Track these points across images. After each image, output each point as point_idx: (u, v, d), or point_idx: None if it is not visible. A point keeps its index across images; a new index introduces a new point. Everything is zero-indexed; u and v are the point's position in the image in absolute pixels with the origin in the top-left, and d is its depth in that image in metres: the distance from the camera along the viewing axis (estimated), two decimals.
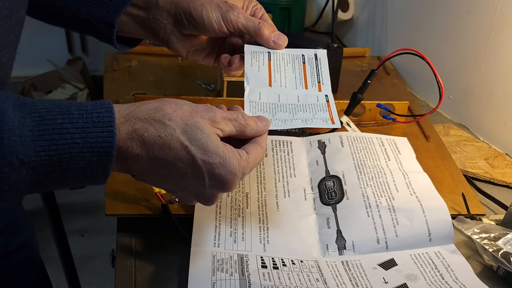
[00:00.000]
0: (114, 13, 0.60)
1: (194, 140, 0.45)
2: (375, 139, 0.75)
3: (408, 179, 0.67)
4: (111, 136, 0.43)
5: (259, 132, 0.51)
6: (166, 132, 0.45)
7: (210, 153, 0.46)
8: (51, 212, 1.29)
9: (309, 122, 0.56)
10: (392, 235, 0.61)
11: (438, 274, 0.58)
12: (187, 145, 0.45)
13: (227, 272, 0.54)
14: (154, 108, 0.46)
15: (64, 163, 0.42)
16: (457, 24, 0.95)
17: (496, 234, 0.60)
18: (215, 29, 0.58)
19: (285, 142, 0.74)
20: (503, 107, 0.86)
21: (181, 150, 0.45)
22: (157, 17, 0.60)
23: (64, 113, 0.42)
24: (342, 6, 1.35)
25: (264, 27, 0.59)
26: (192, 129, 0.46)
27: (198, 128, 0.46)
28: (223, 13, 0.58)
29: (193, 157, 0.45)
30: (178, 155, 0.45)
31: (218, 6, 0.58)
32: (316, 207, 0.65)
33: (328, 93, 0.61)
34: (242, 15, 0.58)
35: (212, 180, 0.47)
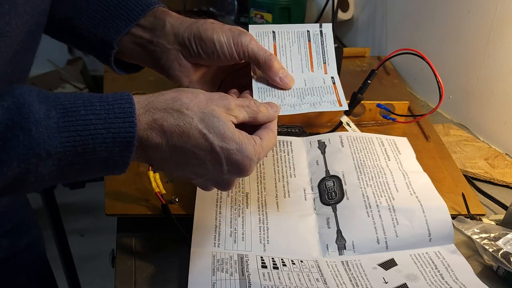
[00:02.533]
0: (115, 33, 0.58)
1: (212, 127, 0.47)
2: (375, 139, 0.75)
3: (408, 179, 0.67)
4: (132, 127, 0.44)
5: (270, 117, 0.52)
6: (185, 121, 0.46)
7: (227, 139, 0.47)
8: (51, 212, 1.30)
9: (317, 106, 0.57)
10: (392, 235, 0.61)
11: (438, 274, 0.58)
12: (205, 133, 0.46)
13: (227, 272, 0.54)
14: (171, 98, 0.47)
15: (87, 153, 0.43)
16: (457, 24, 0.95)
17: (496, 234, 0.60)
18: (226, 53, 0.56)
19: (285, 142, 0.74)
20: (503, 107, 0.86)
21: (199, 138, 0.46)
22: (162, 40, 0.58)
23: (87, 105, 0.43)
24: (342, 6, 1.35)
25: (275, 60, 0.57)
26: (209, 117, 0.47)
27: (214, 116, 0.47)
28: (234, 37, 0.56)
29: (211, 144, 0.47)
30: (197, 143, 0.47)
31: (230, 30, 0.57)
32: (316, 207, 0.65)
33: (334, 74, 0.61)
34: (254, 42, 0.57)
35: (230, 165, 0.48)
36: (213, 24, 0.57)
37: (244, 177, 0.66)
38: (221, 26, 0.57)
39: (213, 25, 0.57)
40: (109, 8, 0.58)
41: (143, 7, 0.58)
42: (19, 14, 0.47)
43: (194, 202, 0.63)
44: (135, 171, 0.69)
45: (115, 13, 0.58)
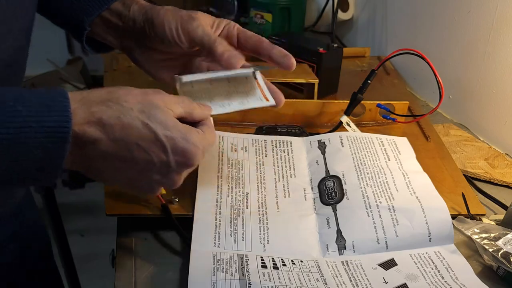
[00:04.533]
0: (86, 15, 0.59)
1: (153, 117, 0.45)
2: (375, 139, 0.75)
3: (408, 179, 0.67)
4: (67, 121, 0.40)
5: (205, 115, 0.52)
6: (125, 112, 0.44)
7: (171, 128, 0.46)
8: (51, 212, 1.30)
9: (246, 103, 0.58)
10: (392, 235, 0.61)
11: (438, 274, 0.58)
12: (147, 123, 0.45)
13: (227, 272, 0.54)
14: (107, 92, 0.45)
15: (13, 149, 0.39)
16: (457, 24, 0.95)
17: (496, 234, 0.60)
18: (175, 39, 0.56)
19: (285, 142, 0.74)
20: (503, 107, 0.86)
21: (143, 128, 0.45)
22: (126, 25, 0.60)
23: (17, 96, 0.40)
24: (342, 6, 1.35)
25: (219, 44, 0.55)
26: (149, 108, 0.45)
27: (154, 106, 0.46)
28: (182, 23, 0.56)
29: (155, 133, 0.45)
30: (140, 134, 0.45)
31: (180, 16, 0.57)
32: (316, 207, 0.65)
33: (254, 69, 0.60)
34: (201, 28, 0.56)
35: (177, 155, 0.46)
36: (167, 10, 0.57)
37: (244, 177, 0.67)
38: (174, 12, 0.57)
39: (167, 11, 0.57)
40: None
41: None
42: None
43: (194, 202, 0.63)
44: None
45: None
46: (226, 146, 0.71)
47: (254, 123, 0.83)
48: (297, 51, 0.98)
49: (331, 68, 0.97)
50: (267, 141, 0.74)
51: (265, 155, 0.71)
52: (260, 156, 0.71)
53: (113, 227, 0.64)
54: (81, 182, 1.78)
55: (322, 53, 0.94)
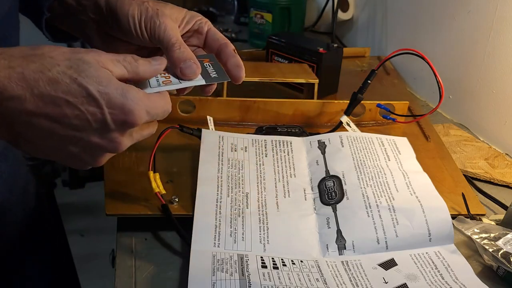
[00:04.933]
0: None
1: (83, 72, 0.40)
2: (375, 139, 0.75)
3: (408, 179, 0.67)
4: None
5: (154, 70, 0.46)
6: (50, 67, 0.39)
7: (105, 83, 0.41)
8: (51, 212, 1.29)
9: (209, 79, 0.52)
10: (392, 235, 0.61)
11: (438, 274, 0.58)
12: (76, 77, 0.40)
13: (227, 272, 0.54)
14: (30, 47, 0.41)
15: None
16: (457, 24, 0.95)
17: (496, 234, 0.60)
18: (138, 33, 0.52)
19: (285, 142, 0.74)
20: (503, 107, 0.86)
21: (71, 83, 0.40)
22: (87, 11, 0.55)
23: None
24: (342, 6, 1.35)
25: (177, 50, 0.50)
26: (78, 64, 0.41)
27: (84, 62, 0.41)
28: (146, 18, 0.52)
29: (86, 88, 0.40)
30: (69, 89, 0.40)
31: (147, 9, 0.52)
32: (316, 207, 0.65)
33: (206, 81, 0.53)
34: (164, 26, 0.51)
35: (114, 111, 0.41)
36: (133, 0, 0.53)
37: (244, 177, 0.67)
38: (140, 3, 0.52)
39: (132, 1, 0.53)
40: None
41: None
42: None
43: (194, 202, 0.63)
44: (135, 171, 0.69)
45: None
46: (226, 146, 0.71)
47: (254, 123, 0.83)
48: (297, 51, 0.98)
49: (331, 68, 0.97)
50: (267, 141, 0.74)
51: (265, 155, 0.71)
52: (260, 156, 0.71)
53: (113, 227, 0.64)
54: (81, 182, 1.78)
55: (322, 53, 0.94)
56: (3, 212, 0.65)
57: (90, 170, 0.53)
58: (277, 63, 1.01)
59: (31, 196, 0.74)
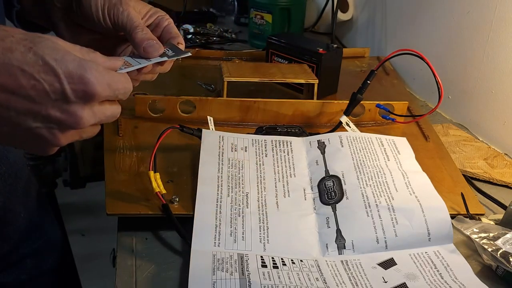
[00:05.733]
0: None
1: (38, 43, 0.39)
2: (374, 139, 0.75)
3: (407, 179, 0.68)
4: None
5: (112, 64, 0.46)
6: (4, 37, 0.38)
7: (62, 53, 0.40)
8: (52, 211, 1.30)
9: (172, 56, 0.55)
10: (392, 234, 0.61)
11: (438, 273, 0.58)
12: (31, 46, 0.39)
13: (227, 272, 0.54)
14: None
15: None
16: (456, 24, 0.95)
17: (495, 233, 0.60)
18: (100, 20, 0.54)
19: (285, 142, 0.74)
20: (502, 107, 0.86)
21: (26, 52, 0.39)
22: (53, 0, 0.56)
23: None
24: (342, 7, 1.35)
25: (140, 32, 0.53)
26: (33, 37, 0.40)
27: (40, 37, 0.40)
28: (110, 5, 0.53)
29: (42, 57, 0.39)
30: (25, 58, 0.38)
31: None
32: (315, 206, 0.65)
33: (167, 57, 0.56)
34: (126, 13, 0.53)
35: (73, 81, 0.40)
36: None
37: (244, 177, 0.67)
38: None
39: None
40: None
41: None
42: None
43: (194, 202, 0.63)
44: (136, 171, 0.70)
45: None
46: (226, 146, 0.72)
47: (254, 123, 0.84)
48: (297, 51, 0.98)
49: (331, 69, 0.98)
50: (267, 141, 0.74)
51: (265, 155, 0.72)
52: (260, 156, 0.71)
53: (114, 226, 0.64)
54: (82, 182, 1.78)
55: (322, 54, 0.94)
56: (4, 212, 0.66)
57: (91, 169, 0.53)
58: (277, 64, 1.01)
59: (32, 196, 0.74)
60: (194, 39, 1.33)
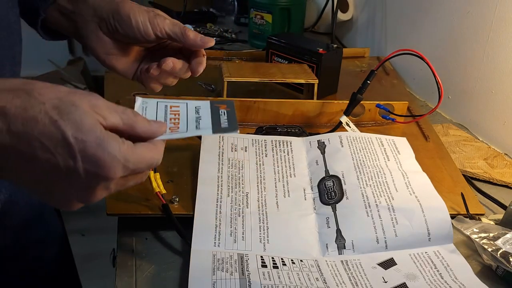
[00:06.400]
0: (41, 1, 0.60)
1: (66, 115, 0.39)
2: (374, 139, 0.75)
3: (407, 179, 0.68)
4: None
5: (152, 131, 0.44)
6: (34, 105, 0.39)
7: (85, 130, 0.39)
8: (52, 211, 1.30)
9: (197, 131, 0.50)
10: (392, 234, 0.61)
11: (437, 273, 0.58)
12: (56, 119, 0.39)
13: (227, 272, 0.54)
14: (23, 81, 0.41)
15: None
16: (456, 24, 0.95)
17: (495, 233, 0.60)
18: (141, 32, 0.59)
19: (285, 142, 0.74)
20: (502, 107, 0.86)
21: (49, 125, 0.39)
22: (83, 12, 0.60)
23: None
24: (342, 7, 1.35)
25: (189, 30, 0.60)
26: (66, 105, 0.39)
27: (73, 105, 0.40)
28: (150, 18, 0.59)
29: (63, 132, 0.39)
30: (45, 130, 0.39)
31: (146, 11, 0.59)
32: (315, 206, 0.65)
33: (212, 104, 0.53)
34: (168, 21, 0.59)
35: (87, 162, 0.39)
36: (132, 4, 0.59)
37: (244, 177, 0.67)
38: (139, 7, 0.59)
39: (131, 5, 0.59)
40: None
41: None
42: None
43: (194, 202, 0.63)
44: None
45: None
46: (226, 146, 0.72)
47: (254, 123, 0.84)
48: (297, 51, 0.98)
49: (331, 69, 0.98)
50: (267, 141, 0.74)
51: (265, 155, 0.72)
52: (260, 156, 0.71)
53: (114, 226, 0.64)
54: None
55: (322, 54, 0.94)
56: (10, 205, 0.66)
57: None
58: (277, 64, 1.01)
59: None
60: None
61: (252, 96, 0.86)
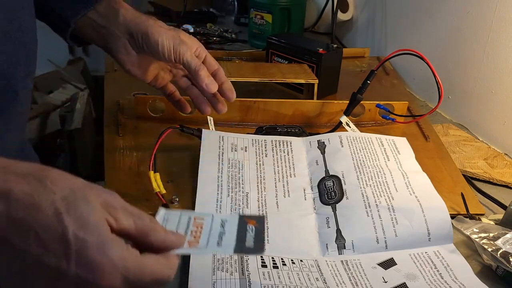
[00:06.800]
0: (72, 14, 0.64)
1: (74, 208, 0.35)
2: (374, 139, 0.75)
3: (407, 179, 0.68)
4: None
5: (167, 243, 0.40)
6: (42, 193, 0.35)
7: (89, 228, 0.35)
8: None
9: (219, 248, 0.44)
10: (392, 234, 0.61)
11: (437, 273, 0.58)
12: (61, 212, 0.35)
13: (227, 272, 0.54)
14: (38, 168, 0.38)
15: None
16: (456, 24, 0.95)
17: (495, 233, 0.60)
18: (165, 55, 0.64)
19: (285, 142, 0.74)
20: (502, 107, 0.86)
21: (52, 216, 0.35)
22: (114, 28, 0.65)
23: None
24: (342, 7, 1.35)
25: (203, 70, 0.65)
26: (77, 198, 0.36)
27: (84, 199, 0.36)
28: (175, 44, 0.64)
29: (64, 227, 0.35)
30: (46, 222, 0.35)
31: (173, 37, 0.64)
32: (316, 206, 0.65)
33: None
34: (189, 52, 0.64)
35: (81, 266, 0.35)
36: (161, 28, 0.64)
37: (244, 177, 0.67)
38: (167, 31, 0.64)
39: (160, 28, 0.64)
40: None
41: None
42: None
43: (194, 202, 0.63)
44: (136, 171, 0.70)
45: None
46: (226, 146, 0.72)
47: (254, 123, 0.84)
48: (297, 51, 0.98)
49: (331, 69, 0.98)
50: (267, 141, 0.74)
51: (265, 155, 0.72)
52: (260, 156, 0.71)
53: None
54: None
55: (322, 54, 0.94)
56: None
57: (91, 169, 0.53)
58: (277, 64, 1.01)
59: None
60: None
61: (252, 96, 0.86)
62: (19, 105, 0.55)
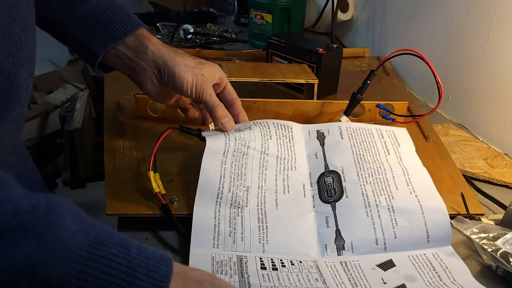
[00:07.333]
0: (100, 46, 0.67)
1: None
2: (374, 130, 0.74)
3: (407, 176, 0.67)
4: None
5: None
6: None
7: None
8: None
9: None
10: (391, 236, 0.61)
11: (436, 275, 0.58)
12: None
13: (226, 274, 0.54)
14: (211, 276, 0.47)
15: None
16: (456, 24, 0.95)
17: (495, 234, 0.60)
18: (188, 91, 0.67)
19: (286, 126, 0.73)
20: (502, 107, 0.86)
21: None
22: (142, 62, 0.68)
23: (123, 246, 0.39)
24: (342, 7, 1.35)
25: (220, 109, 0.68)
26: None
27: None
28: (198, 82, 0.67)
29: None
30: None
31: (197, 76, 0.67)
32: (315, 204, 0.65)
33: None
34: (209, 91, 0.68)
35: None
36: (186, 67, 0.67)
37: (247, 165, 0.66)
38: (192, 69, 0.67)
39: (186, 67, 0.67)
40: (96, 22, 0.67)
41: (128, 28, 0.67)
42: None
43: (194, 202, 0.63)
44: (136, 171, 0.70)
45: (102, 28, 0.67)
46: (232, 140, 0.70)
47: None
48: (297, 51, 0.98)
49: (331, 69, 0.98)
50: (269, 123, 0.73)
51: (269, 137, 0.71)
52: (265, 138, 0.70)
53: (114, 226, 0.64)
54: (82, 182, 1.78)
55: (322, 54, 0.94)
56: None
57: (91, 169, 0.54)
58: (277, 64, 1.01)
59: (38, 186, 0.76)
60: (194, 39, 1.33)
61: (252, 96, 0.86)
62: (21, 106, 0.55)
